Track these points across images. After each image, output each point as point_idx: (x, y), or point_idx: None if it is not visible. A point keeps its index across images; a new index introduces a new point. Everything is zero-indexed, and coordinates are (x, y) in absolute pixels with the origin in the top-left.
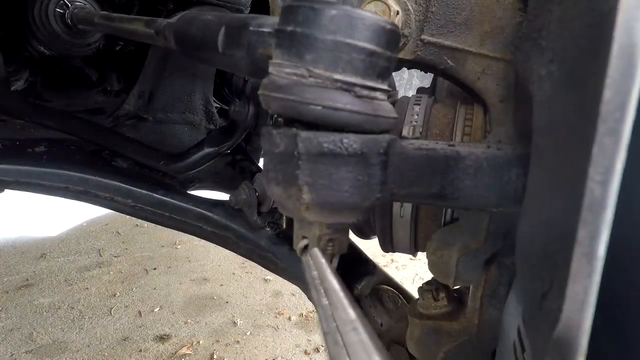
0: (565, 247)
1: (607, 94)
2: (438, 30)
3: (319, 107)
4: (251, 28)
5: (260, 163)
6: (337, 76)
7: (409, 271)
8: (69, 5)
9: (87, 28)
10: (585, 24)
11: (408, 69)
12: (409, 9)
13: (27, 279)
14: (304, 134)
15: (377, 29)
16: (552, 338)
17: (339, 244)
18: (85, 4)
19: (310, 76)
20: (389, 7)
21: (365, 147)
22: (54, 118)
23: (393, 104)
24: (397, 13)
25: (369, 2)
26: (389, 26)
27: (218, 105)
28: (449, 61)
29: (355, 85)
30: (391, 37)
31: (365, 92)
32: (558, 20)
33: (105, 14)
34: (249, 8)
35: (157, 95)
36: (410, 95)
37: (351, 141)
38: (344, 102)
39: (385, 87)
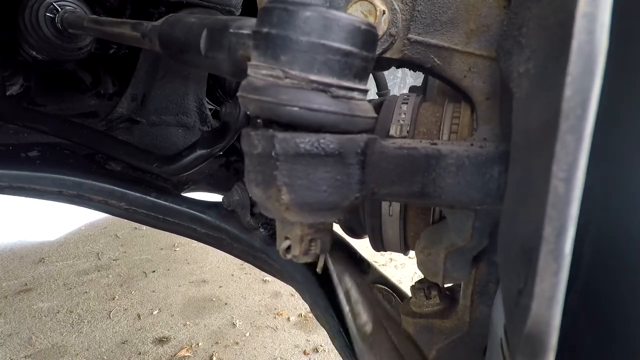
0: (536, 245)
1: (568, 91)
2: (424, 29)
3: (295, 108)
4: (231, 30)
5: None
6: (313, 77)
7: (408, 270)
8: (59, 9)
9: (77, 32)
10: (557, 22)
11: (396, 67)
12: (395, 8)
13: (26, 284)
14: (280, 135)
15: (352, 29)
16: (523, 334)
17: (321, 243)
18: (75, 8)
19: (286, 77)
20: (375, 6)
21: (342, 147)
22: (47, 122)
23: (381, 103)
24: (384, 12)
25: (354, 2)
26: (364, 26)
27: (212, 107)
28: (435, 60)
29: (331, 85)
30: (367, 37)
31: (341, 93)
32: (536, 18)
33: (94, 17)
34: (240, 10)
35: (150, 98)
36: (399, 94)
37: (328, 141)
38: (320, 102)
39: (362, 87)
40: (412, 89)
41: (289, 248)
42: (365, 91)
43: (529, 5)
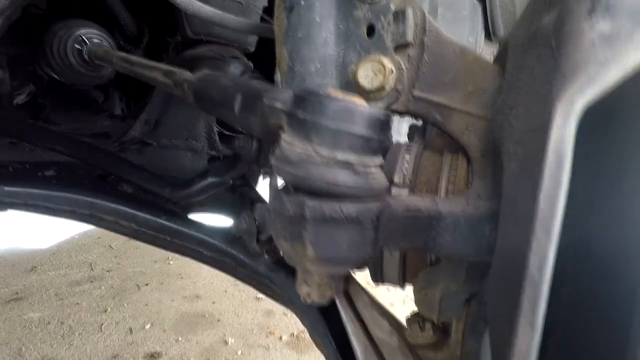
0: (517, 312)
1: (541, 204)
2: (428, 88)
3: (323, 183)
4: (265, 101)
5: (258, 188)
6: (339, 156)
7: (401, 292)
8: (87, 42)
9: (104, 65)
10: (539, 124)
11: (401, 117)
12: (402, 68)
13: (17, 293)
14: (310, 202)
15: (373, 120)
16: None
17: (336, 289)
18: (101, 40)
19: (316, 155)
20: (384, 66)
21: (360, 214)
22: (63, 142)
23: (386, 150)
24: (392, 71)
25: (365, 62)
26: (383, 117)
27: (218, 129)
28: (437, 116)
29: (353, 163)
30: (384, 124)
31: (361, 169)
32: (524, 108)
33: (124, 56)
34: (254, 47)
35: (162, 123)
36: (403, 143)
37: (349, 209)
38: (344, 178)
39: (379, 161)
40: (412, 128)
41: (309, 293)
42: (380, 165)
43: (519, 91)
